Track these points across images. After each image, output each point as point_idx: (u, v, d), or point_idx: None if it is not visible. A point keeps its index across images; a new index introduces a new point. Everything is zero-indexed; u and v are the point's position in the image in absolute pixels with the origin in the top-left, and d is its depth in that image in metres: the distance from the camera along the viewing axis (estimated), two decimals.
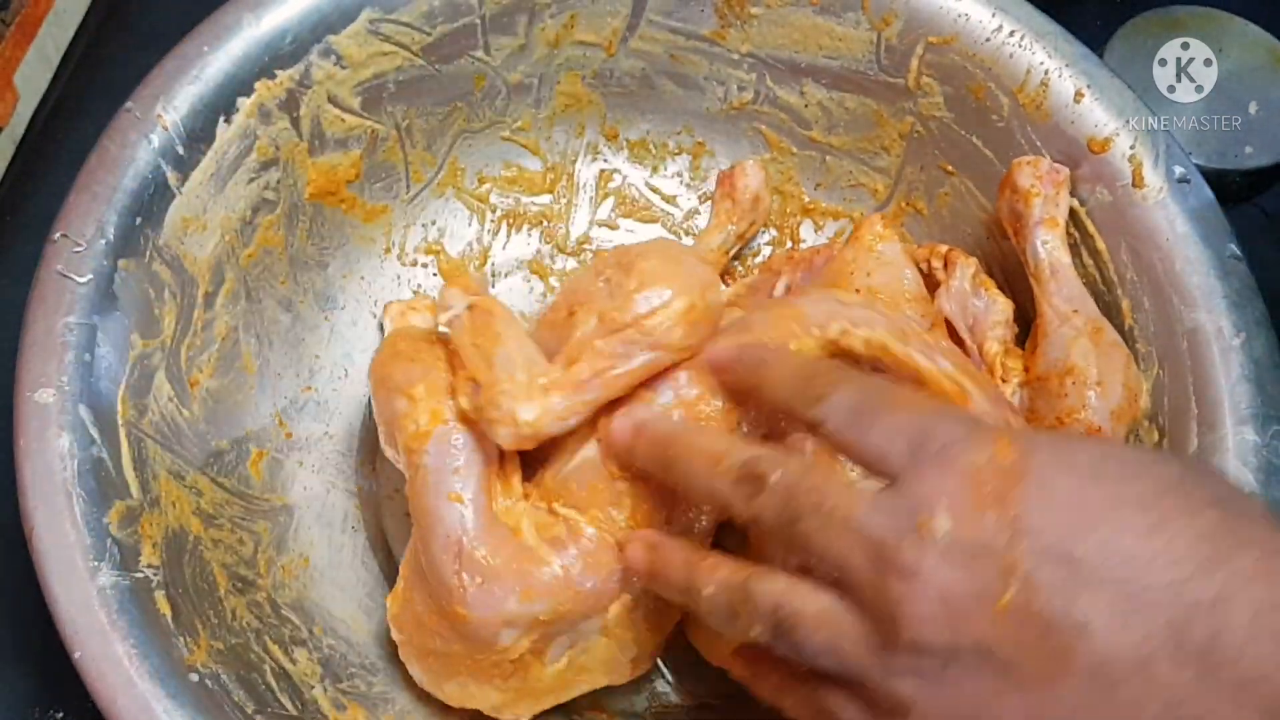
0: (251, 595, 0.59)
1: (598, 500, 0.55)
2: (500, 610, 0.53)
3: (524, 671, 0.56)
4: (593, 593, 0.54)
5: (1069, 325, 0.61)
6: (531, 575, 0.53)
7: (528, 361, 0.54)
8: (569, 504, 0.55)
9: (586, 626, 0.55)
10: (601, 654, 0.57)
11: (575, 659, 0.57)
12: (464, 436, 0.54)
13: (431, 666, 0.57)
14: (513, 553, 0.53)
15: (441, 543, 0.53)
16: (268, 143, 0.64)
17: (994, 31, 0.67)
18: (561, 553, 0.53)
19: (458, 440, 0.54)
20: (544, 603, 0.53)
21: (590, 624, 0.55)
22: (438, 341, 0.59)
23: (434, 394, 0.55)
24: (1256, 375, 0.59)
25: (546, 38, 0.71)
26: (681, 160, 0.78)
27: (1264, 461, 0.57)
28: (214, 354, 0.63)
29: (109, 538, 0.51)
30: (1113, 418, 0.59)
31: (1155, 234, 0.62)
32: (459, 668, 0.56)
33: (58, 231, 0.56)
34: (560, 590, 0.53)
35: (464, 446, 0.54)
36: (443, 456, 0.54)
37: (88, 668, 0.49)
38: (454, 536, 0.53)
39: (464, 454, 0.54)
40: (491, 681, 0.56)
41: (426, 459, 0.54)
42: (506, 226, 0.77)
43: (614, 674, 0.58)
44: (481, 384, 0.53)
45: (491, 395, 0.53)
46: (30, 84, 0.78)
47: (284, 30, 0.63)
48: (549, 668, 0.56)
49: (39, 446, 0.52)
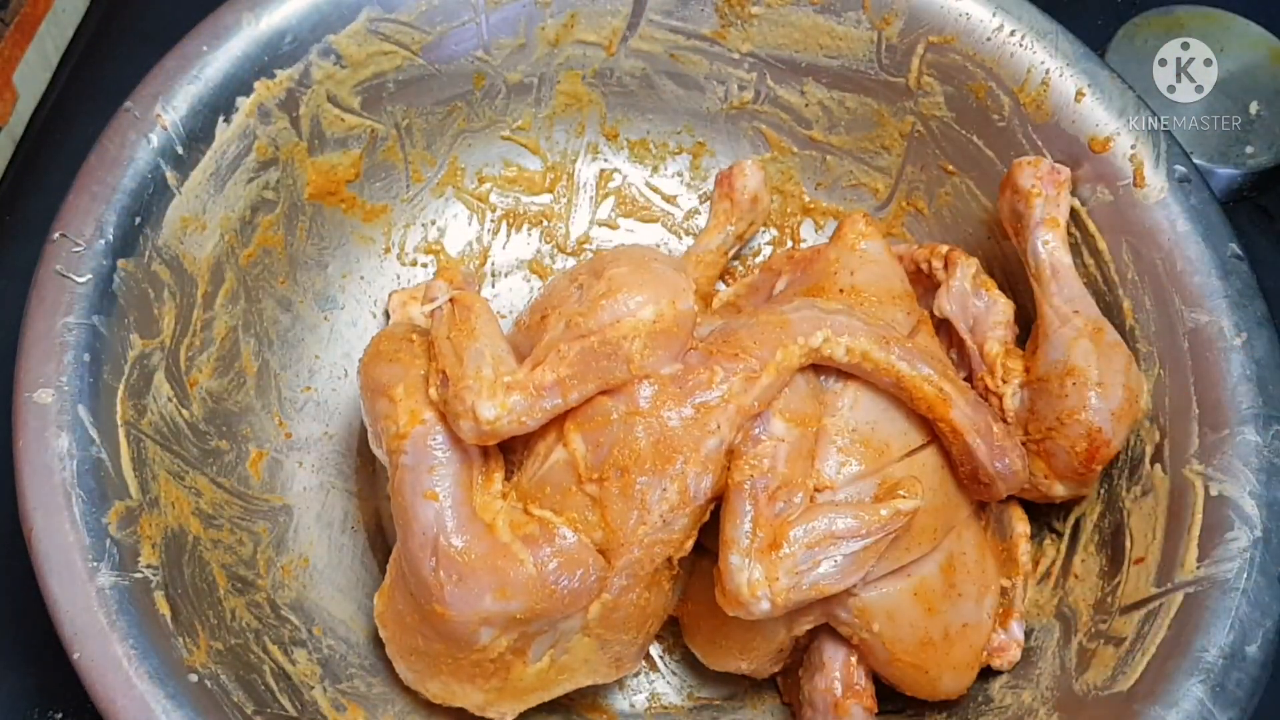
0: (251, 596, 0.59)
1: (570, 503, 0.55)
2: (477, 608, 0.53)
3: (505, 671, 0.56)
4: (569, 592, 0.54)
5: (1070, 326, 0.61)
6: (507, 573, 0.53)
7: (496, 359, 0.55)
8: (544, 506, 0.55)
9: (567, 626, 0.56)
10: (583, 654, 0.57)
11: (557, 658, 0.57)
12: (441, 436, 0.55)
13: (415, 665, 0.58)
14: (488, 549, 0.54)
15: (419, 540, 0.54)
16: (267, 142, 0.64)
17: (995, 31, 0.67)
18: (536, 551, 0.54)
19: (435, 440, 0.55)
20: (520, 601, 0.53)
21: (570, 623, 0.55)
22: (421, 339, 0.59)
23: (412, 394, 0.56)
24: (1258, 375, 0.59)
25: (547, 37, 0.71)
26: (682, 160, 0.78)
27: (1265, 462, 0.57)
28: (213, 354, 0.63)
29: (108, 538, 0.51)
30: (1113, 418, 0.59)
31: (1156, 233, 0.62)
32: (441, 666, 0.56)
33: (57, 231, 0.56)
34: (536, 588, 0.53)
35: (441, 446, 0.55)
36: (420, 456, 0.55)
37: (87, 668, 0.49)
38: (430, 534, 0.54)
39: (441, 453, 0.55)
40: (473, 681, 0.57)
41: (405, 459, 0.55)
42: (506, 226, 0.77)
43: (597, 674, 0.58)
44: (450, 378, 0.54)
45: (457, 389, 0.54)
46: (29, 83, 0.78)
47: (283, 30, 0.63)
48: (530, 667, 0.57)
49: (38, 447, 0.52)
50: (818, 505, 0.56)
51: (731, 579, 0.53)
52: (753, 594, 0.53)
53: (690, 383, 0.55)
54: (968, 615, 0.59)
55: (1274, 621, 0.54)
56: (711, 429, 0.54)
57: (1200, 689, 0.53)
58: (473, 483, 0.55)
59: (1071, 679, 0.58)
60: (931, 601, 0.58)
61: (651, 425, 0.54)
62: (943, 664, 0.58)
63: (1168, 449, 0.60)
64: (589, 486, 0.54)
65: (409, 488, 0.55)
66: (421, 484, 0.54)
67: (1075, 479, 0.61)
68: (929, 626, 0.58)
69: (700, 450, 0.54)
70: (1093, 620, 0.60)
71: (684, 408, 0.55)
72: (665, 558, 0.56)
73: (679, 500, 0.54)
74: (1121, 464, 0.62)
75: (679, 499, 0.54)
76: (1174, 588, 0.56)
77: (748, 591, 0.53)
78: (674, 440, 0.54)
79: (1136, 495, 0.61)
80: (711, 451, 0.54)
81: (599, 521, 0.54)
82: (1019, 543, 0.63)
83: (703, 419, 0.54)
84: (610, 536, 0.54)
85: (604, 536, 0.54)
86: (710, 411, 0.54)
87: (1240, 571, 0.55)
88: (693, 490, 0.54)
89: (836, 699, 0.58)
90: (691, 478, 0.54)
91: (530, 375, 0.54)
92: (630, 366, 0.54)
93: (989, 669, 0.61)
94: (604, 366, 0.54)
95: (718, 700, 0.66)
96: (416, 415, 0.55)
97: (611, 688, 0.66)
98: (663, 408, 0.54)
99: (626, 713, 0.65)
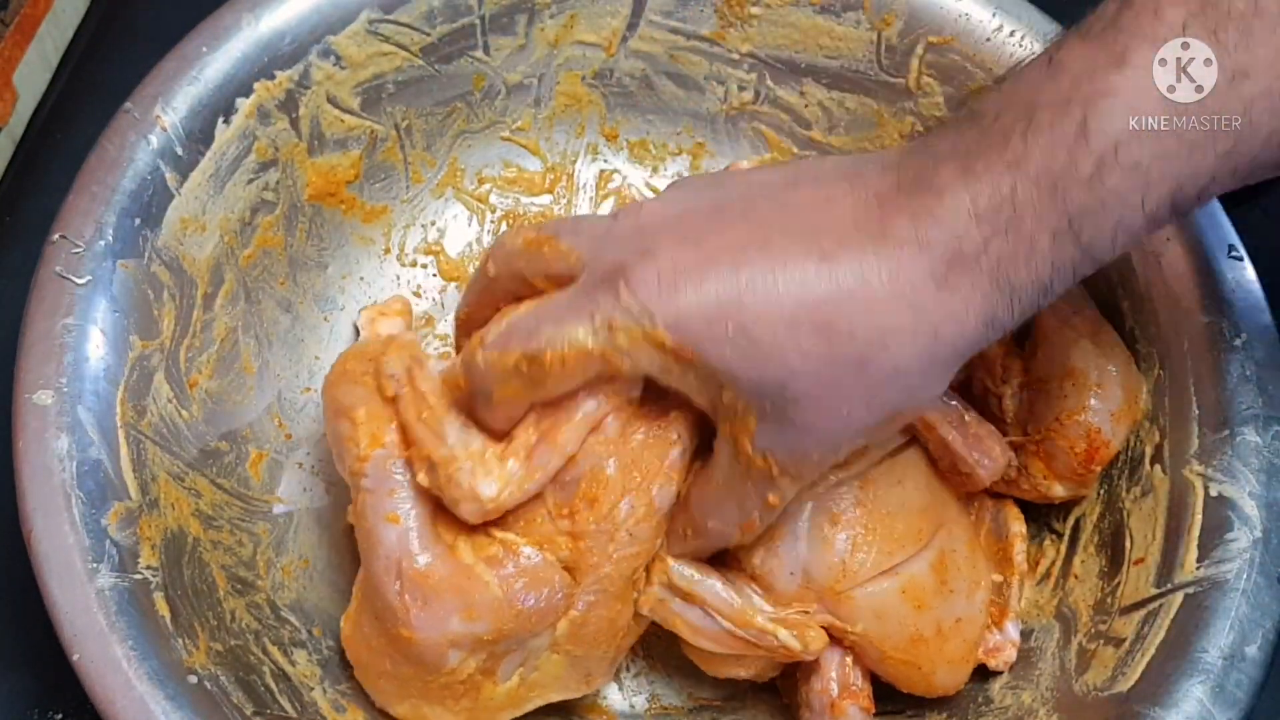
0: (251, 597, 0.59)
1: (536, 530, 0.54)
2: (444, 631, 0.52)
3: (475, 692, 0.56)
4: (535, 610, 0.53)
5: (1069, 327, 0.61)
6: (472, 594, 0.52)
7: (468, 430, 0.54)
8: (508, 530, 0.54)
9: (536, 644, 0.55)
10: (553, 670, 0.56)
11: (527, 676, 0.56)
12: (401, 459, 0.54)
13: (384, 689, 0.57)
14: (451, 570, 0.53)
15: (383, 564, 0.53)
16: (267, 143, 0.64)
17: (994, 31, 0.67)
18: (499, 571, 0.53)
19: (395, 464, 0.54)
20: (486, 622, 0.52)
21: (539, 641, 0.55)
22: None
23: (374, 418, 0.54)
24: (1258, 375, 0.59)
25: (546, 38, 0.71)
26: (682, 160, 0.78)
27: (1265, 462, 0.57)
28: (213, 355, 0.63)
29: (108, 539, 0.51)
30: (1113, 419, 0.59)
31: (1156, 233, 0.62)
32: (410, 689, 0.55)
33: (56, 232, 0.56)
34: (502, 609, 0.52)
35: (402, 469, 0.54)
36: (380, 479, 0.54)
37: (86, 669, 0.49)
38: (393, 557, 0.53)
39: (402, 476, 0.54)
40: (444, 703, 0.56)
41: (366, 481, 0.54)
42: (507, 226, 0.77)
43: (568, 689, 0.58)
44: (437, 462, 0.53)
45: (449, 473, 0.52)
46: (29, 84, 0.78)
47: (283, 31, 0.63)
48: (500, 687, 0.56)
49: (38, 448, 0.52)
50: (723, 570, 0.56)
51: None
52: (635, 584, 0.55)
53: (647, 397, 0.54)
54: (960, 610, 0.59)
55: (1274, 622, 0.54)
56: (673, 439, 0.54)
57: (1200, 690, 0.53)
58: (436, 505, 0.54)
59: (1071, 679, 0.58)
60: (922, 598, 0.58)
61: (620, 452, 0.54)
62: (936, 659, 0.58)
63: (1167, 450, 0.60)
64: (561, 523, 0.54)
65: (371, 511, 0.54)
66: (383, 507, 0.53)
67: (1074, 480, 0.61)
68: (920, 623, 0.58)
69: (664, 462, 0.54)
70: (1092, 621, 0.60)
71: (645, 425, 0.54)
72: (632, 569, 0.55)
73: (644, 513, 0.54)
74: (1121, 464, 0.62)
75: (645, 511, 0.54)
76: (1174, 588, 0.56)
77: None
78: (638, 460, 0.54)
79: (1136, 496, 0.61)
80: (675, 461, 0.54)
81: (567, 543, 0.54)
82: (1015, 543, 0.63)
83: (663, 431, 0.54)
84: (580, 558, 0.54)
85: (572, 557, 0.54)
86: (670, 423, 0.54)
87: (1240, 572, 0.55)
88: (658, 502, 0.54)
89: (833, 699, 0.58)
90: (656, 490, 0.54)
91: (519, 441, 0.53)
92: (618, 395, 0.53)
93: (988, 670, 0.61)
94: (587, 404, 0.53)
95: (718, 701, 0.66)
96: (378, 439, 0.54)
97: (612, 688, 0.66)
98: (628, 430, 0.54)
99: (627, 714, 0.65)
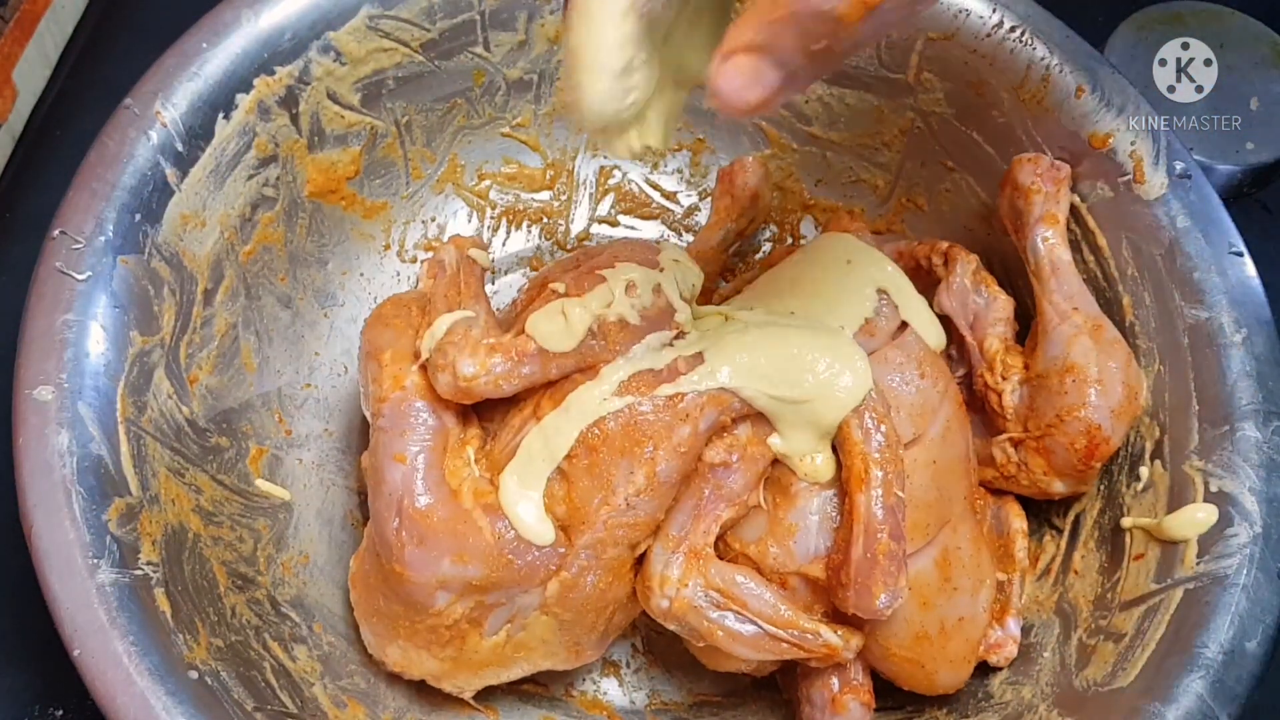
0: (251, 592, 0.59)
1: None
2: (435, 570, 0.54)
3: (461, 640, 0.57)
4: (525, 564, 0.55)
5: (1069, 322, 0.61)
6: (466, 538, 0.54)
7: (484, 322, 0.57)
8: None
9: (525, 601, 0.56)
10: (541, 633, 0.57)
11: (514, 634, 0.57)
12: (420, 403, 0.56)
13: (376, 628, 0.59)
14: (450, 514, 0.54)
15: (385, 500, 0.55)
16: (267, 139, 0.64)
17: (994, 27, 0.67)
18: (495, 520, 0.54)
19: (410, 406, 0.56)
20: (476, 567, 0.54)
21: (528, 599, 0.56)
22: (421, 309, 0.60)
23: (398, 360, 0.57)
24: (1258, 371, 0.59)
25: (546, 34, 0.71)
26: (682, 156, 0.78)
27: (1265, 458, 0.57)
28: (213, 351, 0.63)
29: (108, 535, 0.51)
30: (1113, 415, 0.59)
31: (1156, 230, 0.62)
32: (399, 629, 0.57)
33: (57, 228, 0.56)
34: (493, 557, 0.54)
35: (416, 411, 0.56)
36: (395, 420, 0.56)
37: (87, 665, 0.49)
38: (396, 495, 0.55)
39: (415, 418, 0.56)
40: (429, 648, 0.57)
41: (382, 421, 0.56)
42: (506, 223, 0.77)
43: (555, 657, 0.59)
44: (436, 331, 0.56)
45: (442, 344, 0.55)
46: (29, 80, 0.78)
47: (283, 27, 0.63)
48: (486, 640, 0.57)
49: (38, 444, 0.52)
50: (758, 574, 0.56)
51: (651, 564, 0.56)
52: (661, 588, 0.55)
53: (666, 370, 0.55)
54: (963, 609, 0.59)
55: (1274, 617, 0.54)
56: (683, 417, 0.55)
57: (1200, 685, 0.53)
58: (445, 449, 0.56)
59: (1071, 675, 0.58)
60: (926, 596, 0.58)
61: (624, 409, 0.55)
62: (939, 658, 0.58)
63: (1167, 445, 0.60)
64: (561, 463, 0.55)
65: (382, 449, 0.56)
66: (393, 446, 0.56)
67: (1074, 476, 0.61)
68: (924, 621, 0.58)
69: (671, 438, 0.55)
70: (1093, 616, 0.60)
71: (657, 395, 0.55)
72: (629, 543, 0.56)
73: (645, 484, 0.55)
74: (1121, 460, 0.62)
75: (645, 483, 0.55)
76: (1174, 584, 0.56)
77: (658, 583, 0.55)
78: (645, 426, 0.55)
79: (1136, 491, 0.61)
80: (683, 439, 0.55)
81: (564, 496, 0.55)
82: (1016, 539, 0.63)
83: (676, 407, 0.55)
84: (573, 513, 0.55)
85: (567, 512, 0.55)
86: (684, 400, 0.55)
87: (1240, 567, 0.55)
88: (661, 476, 0.55)
89: (834, 695, 0.58)
90: (661, 464, 0.55)
91: (514, 341, 0.55)
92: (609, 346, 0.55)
93: (988, 665, 0.61)
94: (586, 343, 0.55)
95: (718, 697, 0.66)
96: (398, 381, 0.57)
97: (612, 683, 0.66)
98: (636, 393, 0.55)
99: (627, 709, 0.66)
